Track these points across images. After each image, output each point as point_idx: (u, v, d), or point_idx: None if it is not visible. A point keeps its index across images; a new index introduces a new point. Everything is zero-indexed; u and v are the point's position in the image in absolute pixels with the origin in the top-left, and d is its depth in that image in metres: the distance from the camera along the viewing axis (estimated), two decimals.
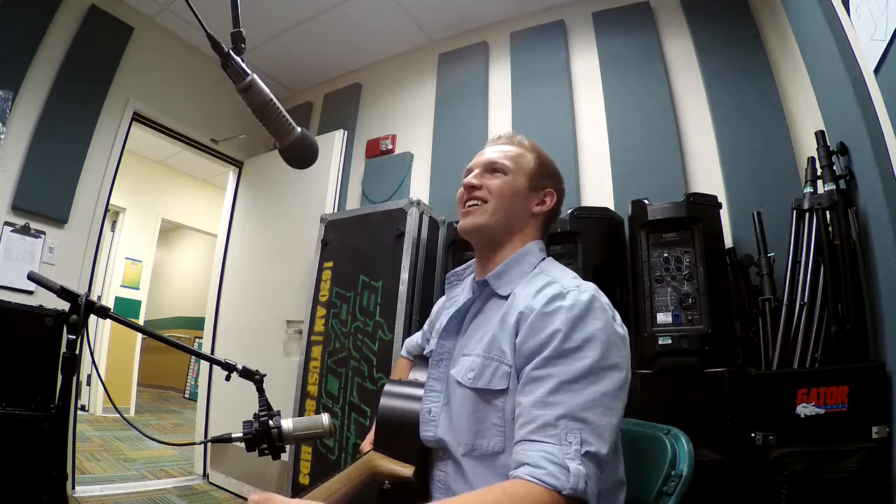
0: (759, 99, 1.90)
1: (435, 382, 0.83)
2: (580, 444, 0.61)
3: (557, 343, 0.68)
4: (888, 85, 1.15)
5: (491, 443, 0.71)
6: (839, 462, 1.18)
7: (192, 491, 2.68)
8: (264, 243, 3.05)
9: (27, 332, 1.59)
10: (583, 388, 0.65)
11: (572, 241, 1.76)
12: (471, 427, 0.73)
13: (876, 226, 1.27)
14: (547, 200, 0.90)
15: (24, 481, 1.26)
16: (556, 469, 0.59)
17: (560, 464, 0.59)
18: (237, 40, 0.67)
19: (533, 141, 0.95)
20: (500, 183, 0.87)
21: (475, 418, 0.73)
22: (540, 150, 0.94)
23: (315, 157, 0.77)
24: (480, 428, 0.73)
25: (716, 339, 1.49)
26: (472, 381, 0.75)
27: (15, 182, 2.18)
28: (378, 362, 2.03)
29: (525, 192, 0.88)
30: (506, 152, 0.91)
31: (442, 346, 0.86)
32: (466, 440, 0.73)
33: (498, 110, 2.59)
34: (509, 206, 0.86)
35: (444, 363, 0.84)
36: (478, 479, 0.71)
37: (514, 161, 0.89)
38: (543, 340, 0.69)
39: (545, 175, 0.91)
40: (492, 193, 0.86)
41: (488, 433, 0.72)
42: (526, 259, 0.86)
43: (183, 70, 3.02)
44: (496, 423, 0.72)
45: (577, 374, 0.66)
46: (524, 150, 0.92)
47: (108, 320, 1.16)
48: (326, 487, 0.74)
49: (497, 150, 0.92)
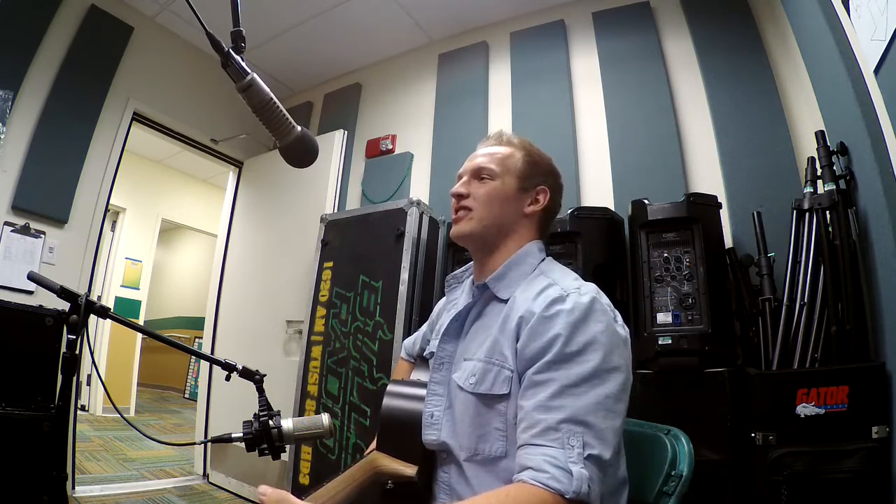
0: (759, 99, 1.90)
1: (437, 386, 0.82)
2: (583, 448, 0.61)
3: (559, 348, 0.67)
4: (888, 85, 1.15)
5: (493, 447, 0.71)
6: (839, 462, 1.18)
7: (192, 491, 2.68)
8: (264, 243, 3.05)
9: (27, 332, 1.59)
10: (585, 391, 0.65)
11: (572, 241, 1.76)
12: (473, 432, 0.73)
13: (876, 226, 1.27)
14: (540, 199, 0.89)
15: (24, 481, 1.26)
16: (560, 473, 0.59)
17: (563, 467, 0.59)
18: (237, 39, 0.67)
19: (523, 139, 0.93)
20: (487, 190, 0.86)
21: (477, 423, 0.73)
22: (530, 148, 0.91)
23: (315, 156, 0.77)
24: (482, 433, 0.73)
25: (716, 339, 1.49)
26: (474, 387, 0.74)
27: (15, 182, 2.18)
28: (378, 362, 2.02)
29: (514, 193, 0.86)
30: (493, 155, 0.89)
31: (443, 350, 0.85)
32: (468, 445, 0.73)
33: (498, 110, 2.59)
34: (498, 212, 0.85)
35: (445, 367, 0.83)
36: (480, 484, 0.71)
37: (502, 164, 0.87)
38: (544, 345, 0.69)
39: (536, 173, 0.89)
40: (478, 201, 0.85)
41: (490, 438, 0.72)
42: (525, 260, 0.85)
43: (183, 70, 3.01)
44: (498, 427, 0.72)
45: (579, 378, 0.65)
46: (513, 150, 0.89)
47: (108, 320, 1.16)
48: (331, 487, 0.74)
49: (485, 152, 0.90)
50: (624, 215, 1.84)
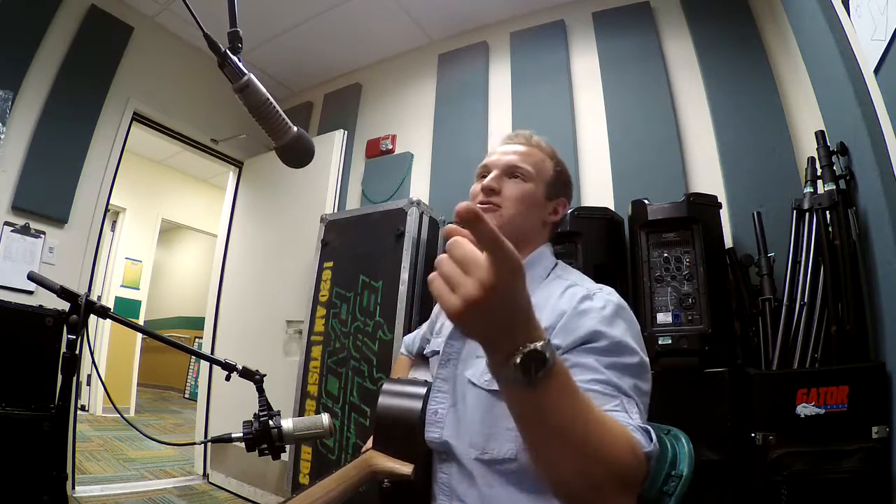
0: (759, 99, 1.90)
1: (442, 383, 0.82)
2: (639, 417, 0.62)
3: (597, 341, 0.68)
4: (888, 85, 1.15)
5: (503, 448, 0.69)
6: (839, 462, 1.18)
7: (192, 491, 2.68)
8: (264, 243, 3.05)
9: (27, 332, 1.59)
10: (627, 379, 0.65)
11: (572, 241, 1.76)
12: (483, 430, 0.72)
13: (876, 226, 1.27)
14: (559, 210, 0.89)
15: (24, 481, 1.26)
16: (634, 427, 0.57)
17: (634, 424, 0.58)
18: (234, 40, 0.67)
19: (552, 147, 0.92)
20: (522, 191, 0.84)
21: (487, 421, 0.72)
22: (558, 158, 0.91)
23: (311, 157, 0.77)
24: (492, 432, 0.71)
25: (716, 339, 1.49)
26: (489, 383, 0.73)
27: (15, 182, 2.18)
28: (378, 362, 2.02)
29: (542, 201, 0.86)
30: (526, 155, 0.87)
31: (451, 346, 0.84)
32: (477, 443, 0.72)
33: (498, 110, 2.59)
34: (525, 214, 0.84)
35: (452, 363, 0.83)
36: (486, 484, 0.70)
37: (536, 167, 0.86)
38: (580, 337, 0.68)
39: (561, 184, 0.89)
40: (510, 200, 0.83)
41: (500, 437, 0.70)
42: (540, 262, 0.85)
43: (183, 70, 3.01)
44: (509, 427, 0.69)
45: (623, 367, 0.66)
46: (545, 156, 0.89)
47: (108, 320, 1.16)
48: (324, 484, 0.74)
49: (516, 150, 0.88)
50: (624, 215, 1.84)
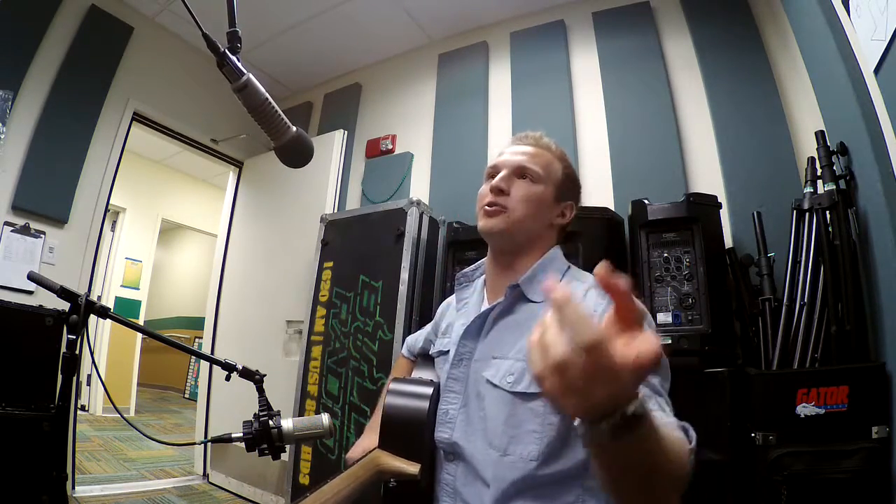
0: (759, 99, 1.90)
1: (454, 383, 0.81)
2: (671, 413, 0.62)
3: None
4: (888, 85, 1.15)
5: (526, 450, 0.69)
6: (839, 462, 1.18)
7: (192, 491, 2.68)
8: (264, 243, 3.05)
9: (27, 332, 1.59)
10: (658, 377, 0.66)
11: (572, 240, 1.75)
12: (505, 432, 0.71)
13: (876, 226, 1.27)
14: (567, 213, 0.89)
15: (24, 481, 1.26)
16: (676, 425, 0.58)
17: (675, 423, 0.59)
18: (233, 40, 0.67)
19: (562, 149, 0.92)
20: (530, 192, 0.84)
21: (511, 423, 0.71)
22: (567, 160, 0.91)
23: (310, 157, 0.77)
24: (515, 433, 0.70)
25: (716, 339, 1.49)
26: (512, 385, 0.72)
27: (15, 182, 2.18)
28: (378, 362, 2.02)
29: (550, 203, 0.86)
30: (536, 157, 0.86)
31: (464, 346, 0.84)
32: (500, 444, 0.71)
33: (498, 110, 2.59)
34: (533, 216, 0.84)
35: (464, 363, 0.82)
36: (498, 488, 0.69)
37: (546, 169, 0.86)
38: None
39: (570, 187, 0.89)
40: (518, 201, 0.83)
41: (525, 439, 0.69)
42: (553, 264, 0.85)
43: (183, 70, 3.01)
44: (534, 429, 0.69)
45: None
46: (554, 158, 0.88)
47: (108, 320, 1.16)
48: (333, 485, 0.74)
49: (525, 151, 0.87)
50: (624, 215, 1.84)
